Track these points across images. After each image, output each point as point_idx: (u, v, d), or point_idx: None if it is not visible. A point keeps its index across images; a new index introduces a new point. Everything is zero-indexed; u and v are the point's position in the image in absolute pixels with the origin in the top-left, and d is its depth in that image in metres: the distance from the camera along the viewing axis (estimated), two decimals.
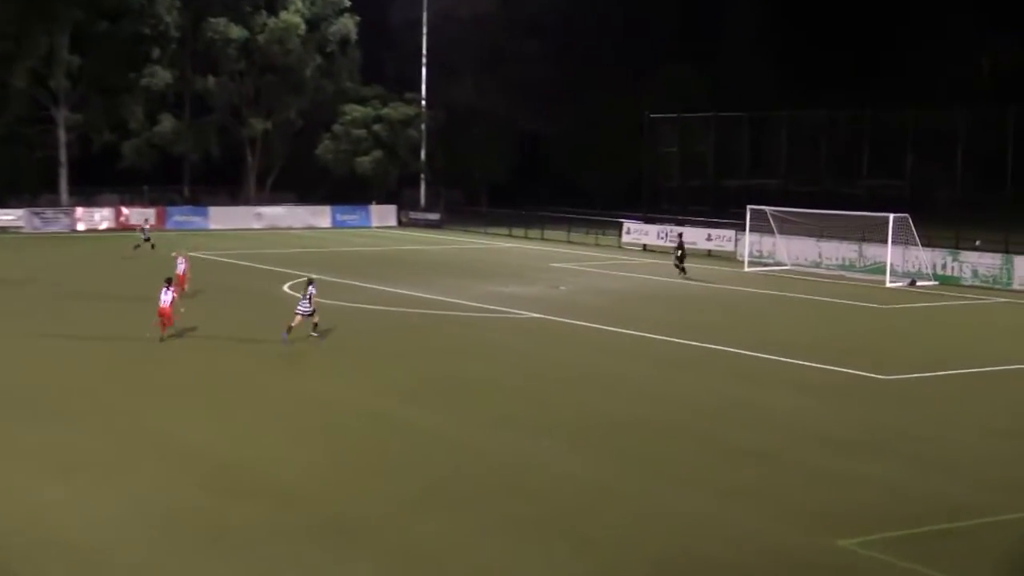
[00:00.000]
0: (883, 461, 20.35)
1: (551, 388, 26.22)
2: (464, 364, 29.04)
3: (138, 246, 52.76)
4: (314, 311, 31.19)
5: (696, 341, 32.43)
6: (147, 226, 56.38)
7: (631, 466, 19.83)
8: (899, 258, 49.21)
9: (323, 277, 45.53)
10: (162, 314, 30.73)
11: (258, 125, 79.30)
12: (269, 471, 19.23)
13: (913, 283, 48.08)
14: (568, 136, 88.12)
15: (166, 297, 30.71)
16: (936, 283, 48.12)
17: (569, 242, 67.05)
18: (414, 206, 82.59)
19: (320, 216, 77.73)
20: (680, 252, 49.97)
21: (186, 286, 37.43)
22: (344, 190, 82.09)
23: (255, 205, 78.22)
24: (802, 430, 22.61)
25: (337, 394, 25.20)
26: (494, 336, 33.59)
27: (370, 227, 77.28)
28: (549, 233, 70.00)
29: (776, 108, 63.56)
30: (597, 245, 65.51)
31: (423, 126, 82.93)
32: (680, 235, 53.45)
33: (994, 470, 20.08)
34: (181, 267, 38.46)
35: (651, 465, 19.94)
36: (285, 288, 42.27)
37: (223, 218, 74.22)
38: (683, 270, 49.38)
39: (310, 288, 31.33)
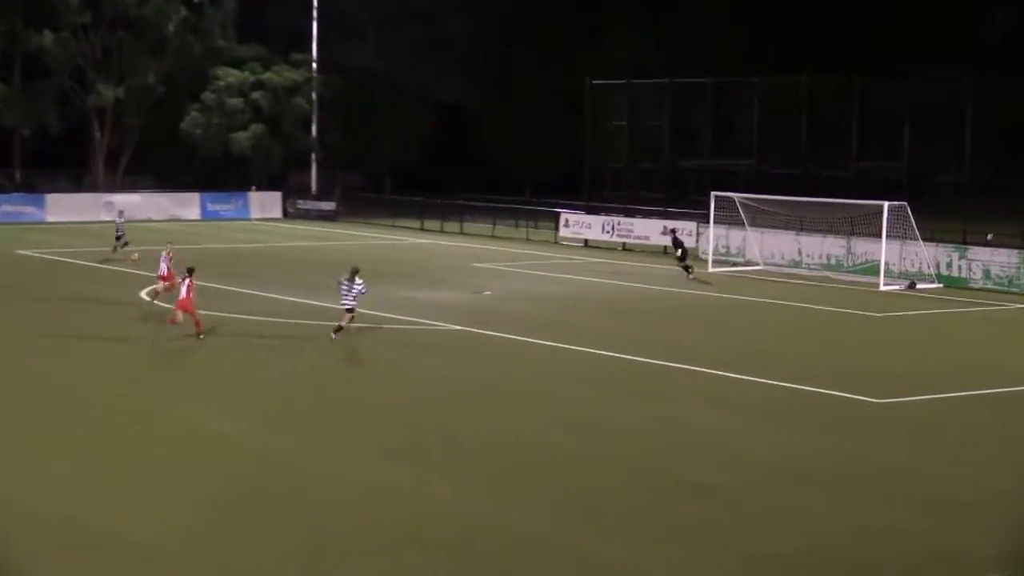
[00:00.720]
0: (871, 501, 20.55)
1: (469, 415, 26.27)
2: (363, 387, 29.02)
3: (116, 247, 51.83)
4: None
5: (646, 357, 32.64)
6: (121, 219, 53.60)
7: (562, 508, 19.91)
8: (895, 255, 49.84)
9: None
10: (183, 308, 33.24)
11: (108, 93, 78.56)
12: (124, 522, 19.06)
13: (912, 285, 48.67)
14: (493, 108, 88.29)
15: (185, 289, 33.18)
16: (940, 285, 48.74)
17: (495, 237, 67.25)
18: (303, 193, 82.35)
19: (187, 206, 77.32)
20: (680, 251, 50.41)
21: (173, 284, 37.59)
22: (216, 174, 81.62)
23: (105, 192, 77.50)
24: (773, 463, 22.84)
25: (204, 424, 25.04)
26: (401, 352, 33.56)
27: (249, 219, 76.90)
28: (470, 226, 70.13)
29: (746, 73, 64.14)
30: (528, 241, 65.75)
31: (314, 94, 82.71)
32: (673, 231, 53.46)
33: (1005, 513, 20.30)
34: (164, 265, 38.27)
35: (586, 506, 20.02)
36: (142, 295, 41.97)
37: (64, 208, 73.49)
38: (688, 269, 49.87)
39: (356, 280, 33.41)
